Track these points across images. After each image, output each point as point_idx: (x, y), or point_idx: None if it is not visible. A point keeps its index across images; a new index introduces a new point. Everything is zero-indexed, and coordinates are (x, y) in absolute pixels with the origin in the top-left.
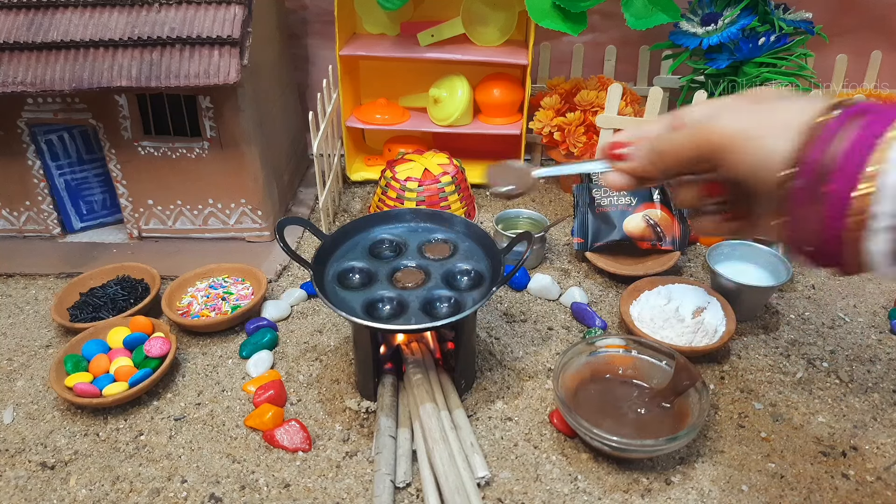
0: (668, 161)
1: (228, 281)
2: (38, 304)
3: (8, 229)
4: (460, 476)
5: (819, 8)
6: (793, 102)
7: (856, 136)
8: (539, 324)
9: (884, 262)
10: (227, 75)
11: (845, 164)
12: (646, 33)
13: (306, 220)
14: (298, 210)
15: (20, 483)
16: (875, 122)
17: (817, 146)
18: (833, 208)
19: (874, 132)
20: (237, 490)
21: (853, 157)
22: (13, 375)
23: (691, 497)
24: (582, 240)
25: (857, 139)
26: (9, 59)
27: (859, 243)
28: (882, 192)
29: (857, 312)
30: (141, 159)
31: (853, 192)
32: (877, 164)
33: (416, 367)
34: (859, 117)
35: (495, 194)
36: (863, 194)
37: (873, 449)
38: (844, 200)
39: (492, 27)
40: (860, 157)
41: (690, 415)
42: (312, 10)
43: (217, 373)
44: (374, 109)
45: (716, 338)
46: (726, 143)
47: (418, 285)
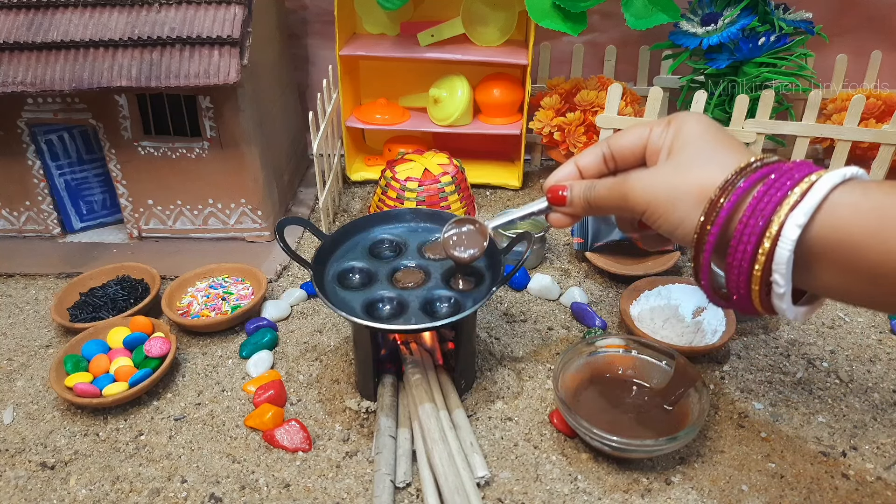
0: (599, 209)
1: (228, 281)
2: (38, 304)
3: (8, 229)
4: (460, 476)
5: (819, 8)
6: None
7: (749, 210)
8: (539, 324)
9: (788, 311)
10: (227, 75)
11: (742, 240)
12: (646, 33)
13: (306, 220)
14: (298, 210)
15: (20, 483)
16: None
17: (718, 221)
18: (736, 276)
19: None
20: (237, 490)
21: (750, 228)
22: (13, 375)
23: (691, 497)
24: (582, 240)
25: (753, 206)
26: (9, 59)
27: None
28: (776, 267)
29: (857, 312)
30: (141, 159)
31: (752, 260)
32: (769, 242)
33: (415, 367)
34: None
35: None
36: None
37: (873, 449)
38: (745, 272)
39: (492, 27)
40: (756, 227)
41: (690, 415)
42: (312, 10)
43: (217, 373)
44: (374, 109)
45: (716, 338)
46: (644, 207)
47: (418, 285)
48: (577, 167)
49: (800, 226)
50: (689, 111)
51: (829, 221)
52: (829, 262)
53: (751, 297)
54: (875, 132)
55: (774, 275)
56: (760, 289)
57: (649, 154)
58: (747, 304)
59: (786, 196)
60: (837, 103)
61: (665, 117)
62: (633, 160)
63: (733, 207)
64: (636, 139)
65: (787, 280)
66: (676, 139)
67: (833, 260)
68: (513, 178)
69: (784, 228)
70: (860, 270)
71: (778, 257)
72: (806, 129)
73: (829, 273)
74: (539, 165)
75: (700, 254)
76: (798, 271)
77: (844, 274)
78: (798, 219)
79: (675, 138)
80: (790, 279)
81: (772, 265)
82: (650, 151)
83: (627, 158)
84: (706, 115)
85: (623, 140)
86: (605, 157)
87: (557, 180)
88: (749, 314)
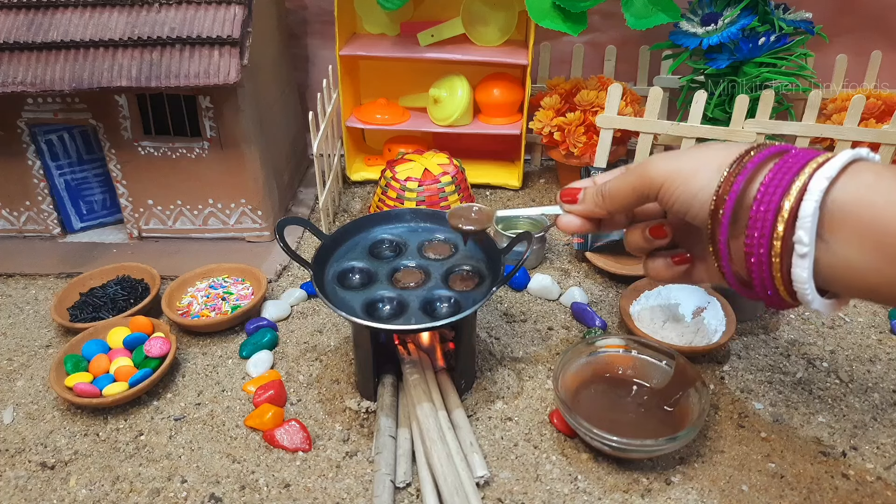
0: (613, 201)
1: (228, 281)
2: (38, 304)
3: (8, 229)
4: (459, 476)
5: (819, 8)
6: (721, 146)
7: (776, 167)
8: (539, 324)
9: (810, 290)
10: (227, 75)
11: (767, 193)
12: (646, 33)
13: (306, 220)
14: (298, 210)
15: (20, 483)
16: (793, 158)
17: (739, 179)
18: (756, 235)
19: (791, 165)
20: (237, 490)
21: (774, 187)
22: (13, 375)
23: (691, 497)
24: (582, 240)
25: (775, 171)
26: (9, 59)
27: (784, 270)
28: (800, 219)
29: (857, 312)
30: (141, 159)
31: (774, 219)
32: (794, 192)
33: (413, 367)
34: (777, 156)
35: (458, 230)
36: (782, 221)
37: (873, 449)
38: (766, 227)
39: (492, 27)
40: (780, 186)
41: (690, 415)
42: (312, 10)
43: (217, 373)
44: (374, 109)
45: (716, 338)
46: (663, 181)
47: (418, 285)
48: (595, 181)
49: (827, 178)
50: None
51: (851, 187)
52: (850, 232)
53: (770, 263)
54: (875, 132)
55: (798, 231)
56: (782, 249)
57: None
58: (765, 276)
59: (809, 161)
60: (837, 103)
61: None
62: None
63: (758, 164)
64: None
65: (811, 239)
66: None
67: (853, 229)
68: (513, 178)
69: (811, 182)
70: (880, 244)
71: (804, 211)
72: (806, 129)
73: (848, 246)
74: (539, 165)
75: (720, 212)
76: (819, 244)
77: (864, 247)
78: (827, 172)
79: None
80: (814, 239)
81: (796, 222)
82: None
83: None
84: None
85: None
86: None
87: (574, 185)
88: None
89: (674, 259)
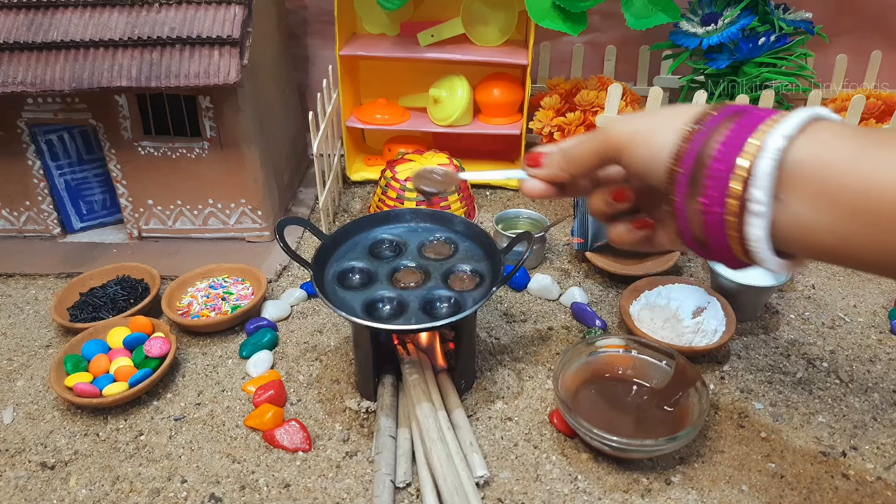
0: (576, 164)
1: (228, 281)
2: (38, 304)
3: (8, 229)
4: (458, 476)
5: (819, 8)
6: (682, 107)
7: (733, 126)
8: (539, 324)
9: (765, 250)
10: (227, 75)
11: (722, 151)
12: (646, 33)
13: (306, 220)
14: (298, 210)
15: (20, 483)
16: (753, 116)
17: (697, 138)
18: (713, 194)
19: (749, 124)
20: (237, 490)
21: (730, 146)
22: (13, 375)
23: (691, 497)
24: (582, 240)
25: (733, 130)
26: (9, 59)
27: (739, 229)
28: (755, 177)
29: (857, 312)
30: (141, 159)
31: (730, 177)
32: (751, 150)
33: (413, 367)
34: (736, 115)
35: (421, 192)
36: (738, 179)
37: (873, 449)
38: (723, 186)
39: (492, 27)
40: (736, 145)
41: (690, 415)
42: (312, 10)
43: (217, 373)
44: (374, 109)
45: (716, 338)
46: (623, 142)
47: (418, 285)
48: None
49: (786, 137)
50: None
51: (808, 145)
52: (806, 191)
53: (724, 222)
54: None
55: (753, 190)
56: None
57: None
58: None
59: (766, 119)
60: (837, 103)
61: None
62: None
63: (716, 124)
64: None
65: (766, 198)
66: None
67: (810, 188)
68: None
69: (768, 140)
70: (836, 202)
71: (760, 169)
72: None
73: (805, 206)
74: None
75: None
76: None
77: (821, 206)
78: (785, 130)
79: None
80: (770, 199)
81: (752, 181)
82: None
83: None
84: None
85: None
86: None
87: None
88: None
89: (634, 224)
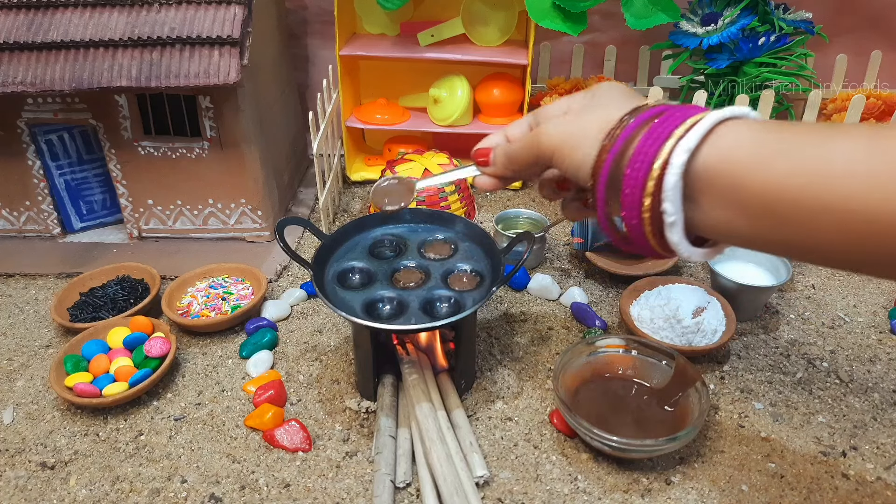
0: (518, 165)
1: (228, 281)
2: (38, 304)
3: (8, 229)
4: (458, 476)
5: (819, 8)
6: (603, 109)
7: (642, 140)
8: (539, 324)
9: (685, 248)
10: (227, 75)
11: (632, 169)
12: (646, 33)
13: (306, 220)
14: (298, 210)
15: (20, 483)
16: (662, 125)
17: (610, 156)
18: (629, 208)
19: (659, 135)
20: (237, 490)
21: (638, 164)
22: (13, 375)
23: (691, 497)
24: (582, 240)
25: (642, 144)
26: (9, 59)
27: (658, 234)
28: (665, 192)
29: (857, 312)
30: (141, 159)
31: (642, 195)
32: (658, 167)
33: (412, 367)
34: (647, 124)
35: (384, 210)
36: (649, 195)
37: (873, 449)
38: (636, 202)
39: (492, 27)
40: (645, 162)
41: (690, 415)
42: (312, 10)
43: (217, 373)
44: (374, 109)
45: (716, 338)
46: (552, 151)
47: (418, 285)
48: (506, 137)
49: (687, 150)
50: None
51: (714, 152)
52: (716, 195)
53: (643, 230)
54: None
55: (665, 204)
56: (652, 219)
57: None
58: (641, 239)
59: (676, 128)
60: (837, 103)
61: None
62: None
63: (628, 137)
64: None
65: (676, 209)
66: (591, 100)
67: (719, 192)
68: None
69: (672, 156)
70: (743, 203)
71: (667, 184)
72: None
73: (716, 208)
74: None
75: (596, 185)
76: (688, 205)
77: (730, 207)
78: (686, 144)
79: (590, 100)
80: (680, 209)
81: (661, 193)
82: None
83: None
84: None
85: (549, 111)
86: (531, 128)
87: (484, 145)
88: (648, 254)
89: (584, 203)
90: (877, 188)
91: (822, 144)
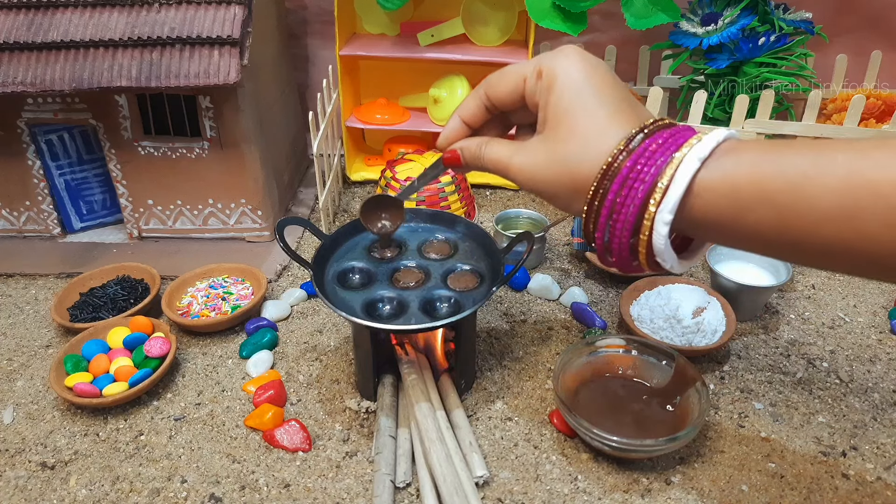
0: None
1: (228, 281)
2: (38, 304)
3: (8, 229)
4: (458, 476)
5: (819, 8)
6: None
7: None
8: (539, 324)
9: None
10: (227, 75)
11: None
12: (646, 33)
13: (306, 220)
14: (298, 210)
15: (20, 483)
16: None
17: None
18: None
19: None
20: (237, 490)
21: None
22: (13, 375)
23: (691, 497)
24: (582, 240)
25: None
26: (9, 59)
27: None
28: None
29: (857, 312)
30: (141, 159)
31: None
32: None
33: (412, 367)
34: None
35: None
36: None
37: (873, 449)
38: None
39: (492, 27)
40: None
41: (690, 415)
42: (312, 10)
43: (217, 373)
44: (374, 109)
45: (716, 338)
46: (531, 191)
47: (418, 285)
48: (462, 121)
49: (667, 223)
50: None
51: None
52: (706, 231)
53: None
54: (875, 132)
55: (657, 258)
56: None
57: (530, 106)
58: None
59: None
60: (837, 103)
61: (536, 61)
62: (515, 108)
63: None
64: (513, 91)
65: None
66: (549, 101)
67: (708, 229)
68: None
69: (655, 226)
70: (735, 237)
71: (656, 246)
72: (806, 129)
73: (711, 236)
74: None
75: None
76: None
77: (724, 237)
78: (664, 217)
79: (548, 97)
80: (673, 256)
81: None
82: (530, 104)
83: (509, 107)
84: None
85: (500, 90)
86: (486, 107)
87: (447, 140)
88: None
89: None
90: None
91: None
